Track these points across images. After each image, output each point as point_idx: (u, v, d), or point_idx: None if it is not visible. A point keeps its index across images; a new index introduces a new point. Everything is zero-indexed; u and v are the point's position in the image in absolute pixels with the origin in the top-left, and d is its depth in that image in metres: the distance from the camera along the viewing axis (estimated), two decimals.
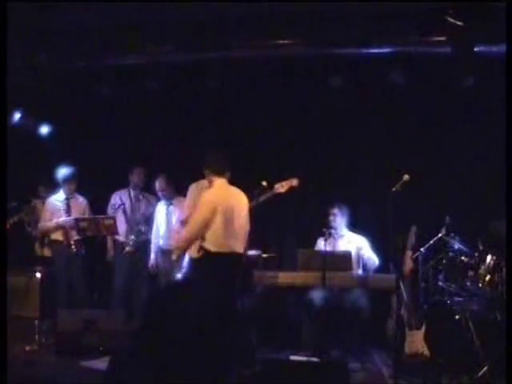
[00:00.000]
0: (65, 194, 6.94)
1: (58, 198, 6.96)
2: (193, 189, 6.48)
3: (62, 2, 5.58)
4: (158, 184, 6.83)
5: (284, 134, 7.06)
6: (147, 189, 7.10)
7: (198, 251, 6.32)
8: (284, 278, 6.02)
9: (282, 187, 5.91)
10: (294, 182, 5.94)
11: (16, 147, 6.08)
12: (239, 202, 5.49)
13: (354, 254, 6.24)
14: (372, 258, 6.28)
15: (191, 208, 6.44)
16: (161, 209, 6.96)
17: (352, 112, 6.97)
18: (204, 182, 6.43)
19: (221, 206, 5.30)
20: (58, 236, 6.86)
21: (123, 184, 7.12)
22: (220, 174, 5.50)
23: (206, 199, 5.41)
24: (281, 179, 5.95)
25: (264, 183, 5.85)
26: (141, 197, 7.01)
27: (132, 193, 7.05)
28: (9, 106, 5.59)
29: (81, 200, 7.05)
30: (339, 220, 6.40)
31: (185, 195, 6.58)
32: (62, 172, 6.87)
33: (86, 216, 6.87)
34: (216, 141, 7.03)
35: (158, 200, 7.00)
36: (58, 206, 6.90)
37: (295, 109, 7.07)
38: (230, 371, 1.70)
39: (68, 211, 6.89)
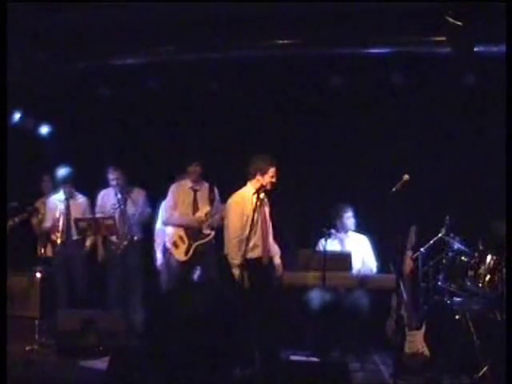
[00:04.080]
0: (64, 195, 6.95)
1: (58, 198, 6.98)
2: (173, 190, 6.47)
3: (62, 2, 5.58)
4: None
5: (284, 134, 7.05)
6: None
7: (186, 253, 6.31)
8: (284, 277, 6.01)
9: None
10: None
11: (16, 147, 6.08)
12: None
13: (360, 256, 6.24)
14: (370, 267, 6.26)
15: (173, 209, 6.42)
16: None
17: (352, 112, 6.96)
18: (187, 183, 6.41)
19: None
20: (57, 236, 6.80)
21: None
22: None
23: None
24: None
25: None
26: (126, 197, 6.82)
27: (118, 194, 6.80)
28: (9, 105, 5.59)
29: (81, 200, 7.03)
30: (350, 221, 6.37)
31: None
32: (59, 173, 6.87)
33: (86, 216, 6.86)
34: (215, 141, 7.04)
35: (146, 195, 6.92)
36: (58, 206, 6.90)
37: (294, 109, 7.06)
38: (231, 371, 1.70)
39: (67, 211, 6.88)
